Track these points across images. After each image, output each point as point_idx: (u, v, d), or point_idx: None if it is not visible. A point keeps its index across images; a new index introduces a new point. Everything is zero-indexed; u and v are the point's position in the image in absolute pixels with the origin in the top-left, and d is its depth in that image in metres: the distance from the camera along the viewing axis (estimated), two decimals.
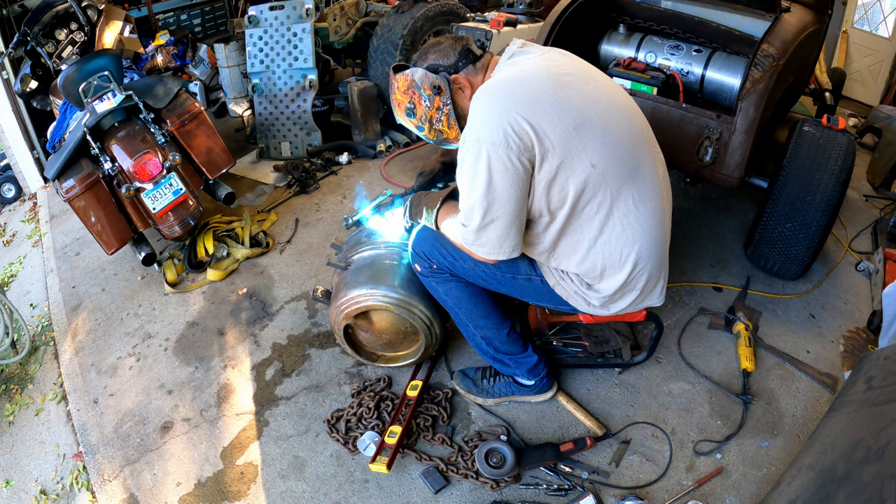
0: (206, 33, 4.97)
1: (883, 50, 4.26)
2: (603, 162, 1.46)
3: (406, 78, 1.65)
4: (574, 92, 1.48)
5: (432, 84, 1.61)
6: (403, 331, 2.03)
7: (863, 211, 3.02)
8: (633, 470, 1.83)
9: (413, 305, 1.91)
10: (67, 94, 2.59)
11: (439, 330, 1.99)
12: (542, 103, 1.43)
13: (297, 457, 1.95)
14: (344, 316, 1.96)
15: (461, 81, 1.62)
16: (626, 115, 1.57)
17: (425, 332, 1.97)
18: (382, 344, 2.10)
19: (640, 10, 2.85)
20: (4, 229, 3.75)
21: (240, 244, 2.94)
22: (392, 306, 1.90)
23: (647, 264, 1.58)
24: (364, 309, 1.94)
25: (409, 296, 1.89)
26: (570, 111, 1.44)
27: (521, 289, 1.74)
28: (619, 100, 1.58)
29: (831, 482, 1.21)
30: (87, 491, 1.98)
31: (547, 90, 1.45)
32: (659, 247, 1.60)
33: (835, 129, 2.28)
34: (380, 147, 3.73)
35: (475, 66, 1.63)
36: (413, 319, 1.93)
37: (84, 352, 2.50)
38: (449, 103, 1.62)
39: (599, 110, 1.49)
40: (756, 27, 2.54)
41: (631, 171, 1.51)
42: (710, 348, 2.23)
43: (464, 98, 1.63)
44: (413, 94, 1.65)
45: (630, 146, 1.52)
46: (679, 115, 2.33)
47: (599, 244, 1.54)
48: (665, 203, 1.61)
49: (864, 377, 1.46)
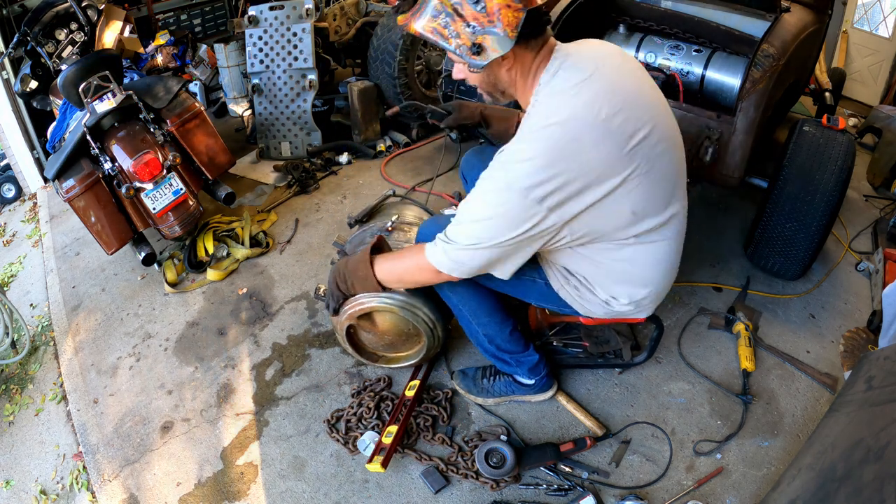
0: (206, 33, 4.97)
1: (883, 50, 4.26)
2: (642, 207, 1.43)
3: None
4: (626, 134, 1.35)
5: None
6: (406, 332, 2.02)
7: (863, 211, 3.02)
8: (633, 470, 1.83)
9: (417, 307, 1.90)
10: (67, 94, 2.59)
11: (442, 332, 1.99)
12: (592, 176, 1.34)
13: (297, 457, 1.95)
14: (347, 316, 1.96)
15: (509, 54, 1.39)
16: (676, 145, 1.51)
17: (428, 334, 1.97)
18: (384, 345, 2.10)
19: (640, 10, 2.86)
20: (4, 229, 3.75)
21: (240, 244, 2.94)
22: (396, 308, 1.90)
23: (659, 285, 1.62)
24: (368, 310, 1.93)
25: (413, 297, 1.89)
26: (618, 164, 1.35)
27: (525, 290, 1.74)
28: (671, 125, 1.49)
29: (831, 482, 1.21)
30: (87, 491, 1.98)
31: (599, 158, 1.34)
32: (675, 268, 1.64)
33: (835, 129, 2.28)
34: (380, 147, 3.73)
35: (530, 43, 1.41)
36: (416, 321, 1.93)
37: (84, 352, 2.50)
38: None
39: (650, 151, 1.39)
40: (756, 27, 2.55)
41: (666, 205, 1.49)
42: (710, 348, 2.23)
43: (502, 68, 1.44)
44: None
45: (671, 183, 1.49)
46: (679, 115, 2.32)
47: (617, 271, 1.56)
48: (685, 224, 1.62)
49: (864, 377, 1.46)
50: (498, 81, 1.48)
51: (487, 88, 1.52)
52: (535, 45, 1.41)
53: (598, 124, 1.33)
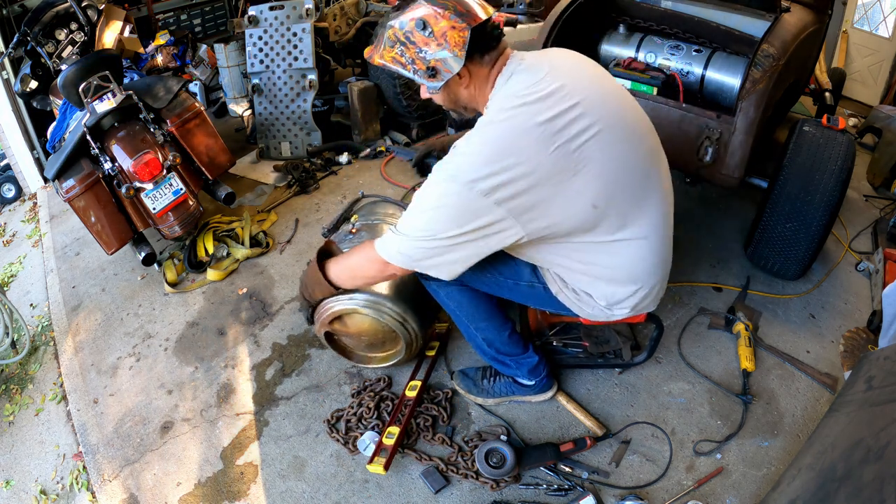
0: (206, 33, 4.97)
1: (883, 50, 4.26)
2: (604, 201, 1.43)
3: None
4: (574, 132, 1.38)
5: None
6: (382, 330, 2.01)
7: (863, 211, 3.02)
8: (633, 470, 1.83)
9: (380, 304, 1.88)
10: (67, 94, 2.59)
11: (416, 325, 1.96)
12: (540, 173, 1.36)
13: (297, 457, 1.95)
14: (320, 324, 1.96)
15: (463, 72, 1.47)
16: (637, 138, 1.51)
17: (400, 330, 1.95)
18: (366, 346, 2.10)
19: (640, 10, 2.85)
20: (4, 229, 3.75)
21: (240, 244, 2.94)
22: (360, 308, 1.89)
23: (651, 280, 1.60)
24: (336, 314, 1.93)
25: (375, 295, 1.88)
26: (567, 161, 1.37)
27: (524, 294, 1.74)
28: (626, 120, 1.49)
29: (831, 482, 1.21)
30: (87, 491, 1.98)
31: (545, 157, 1.36)
32: (665, 262, 1.62)
33: (835, 129, 2.28)
34: (380, 147, 3.73)
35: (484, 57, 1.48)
36: (383, 318, 1.91)
37: (84, 352, 2.50)
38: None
39: (603, 145, 1.41)
40: (756, 27, 2.54)
41: (638, 199, 1.49)
42: (710, 348, 2.23)
43: (460, 86, 1.51)
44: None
45: (639, 174, 1.49)
46: (679, 115, 2.33)
47: (601, 270, 1.56)
48: (670, 217, 1.61)
49: (864, 377, 1.46)
50: (458, 98, 1.55)
51: (451, 105, 1.59)
52: (489, 59, 1.47)
53: (543, 121, 1.36)
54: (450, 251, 1.43)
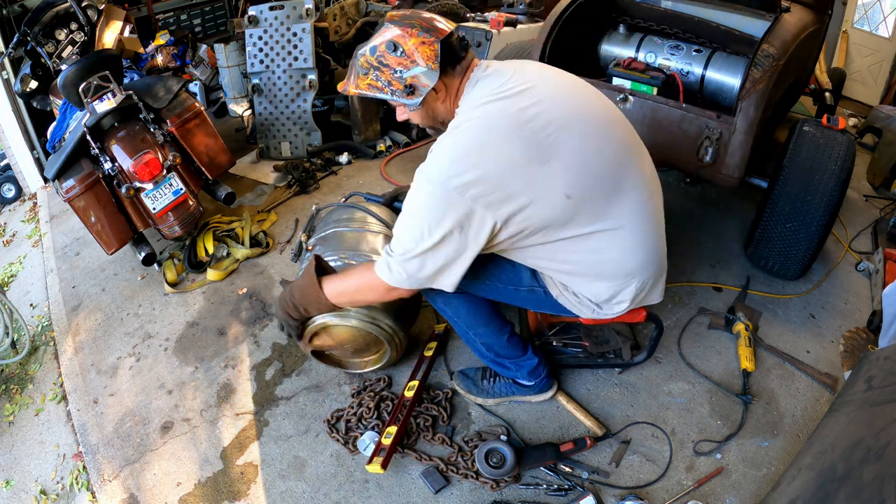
0: (206, 33, 4.97)
1: (883, 50, 4.26)
2: (578, 192, 1.44)
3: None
4: (539, 125, 1.42)
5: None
6: (359, 335, 1.99)
7: (863, 211, 3.02)
8: (633, 470, 1.83)
9: (344, 311, 1.86)
10: (67, 94, 2.59)
11: (389, 320, 1.94)
12: (508, 166, 1.40)
13: (297, 457, 1.95)
14: (303, 344, 1.96)
15: (439, 85, 1.52)
16: (606, 131, 1.53)
17: (375, 330, 1.94)
18: (353, 353, 2.09)
19: (640, 10, 2.85)
20: (4, 229, 3.75)
21: (240, 244, 2.94)
22: (328, 320, 1.88)
23: (645, 272, 1.59)
24: (310, 332, 1.93)
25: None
26: (534, 151, 1.41)
27: (524, 299, 1.74)
28: (594, 114, 1.53)
29: (831, 482, 1.21)
30: (87, 491, 1.98)
31: (512, 149, 1.41)
32: (655, 252, 1.61)
33: (835, 129, 2.28)
34: (380, 147, 3.73)
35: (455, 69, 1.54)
36: (351, 322, 1.90)
37: (84, 352, 2.50)
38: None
39: (570, 136, 1.44)
40: (756, 27, 2.54)
41: (612, 190, 1.49)
42: (710, 348, 2.23)
43: (437, 101, 1.56)
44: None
45: (612, 164, 1.50)
46: (679, 115, 2.33)
47: (582, 269, 1.56)
48: (657, 208, 1.61)
49: (864, 377, 1.46)
50: (436, 114, 1.59)
51: (429, 122, 1.63)
52: (459, 70, 1.53)
53: (511, 114, 1.42)
54: (437, 252, 1.43)
